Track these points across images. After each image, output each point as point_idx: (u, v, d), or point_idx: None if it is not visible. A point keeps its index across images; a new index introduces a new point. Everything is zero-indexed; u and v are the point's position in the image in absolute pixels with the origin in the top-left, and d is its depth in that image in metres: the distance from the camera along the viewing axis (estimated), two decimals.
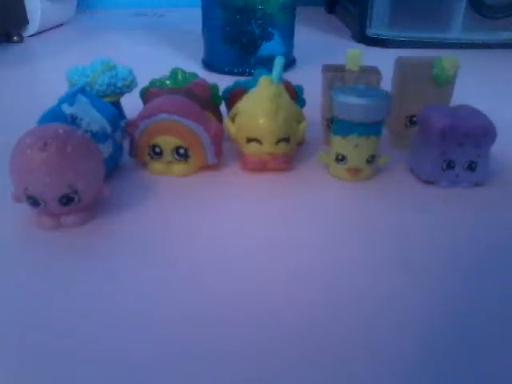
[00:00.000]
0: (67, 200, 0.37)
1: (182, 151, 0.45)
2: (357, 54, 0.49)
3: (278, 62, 0.46)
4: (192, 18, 0.93)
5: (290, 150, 0.47)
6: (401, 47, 0.93)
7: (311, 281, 0.33)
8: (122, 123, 0.47)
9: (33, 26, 1.01)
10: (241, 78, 0.54)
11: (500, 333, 0.29)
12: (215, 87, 0.52)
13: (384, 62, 0.52)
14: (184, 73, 0.52)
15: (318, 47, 0.98)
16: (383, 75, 0.50)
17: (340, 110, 0.43)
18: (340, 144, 0.45)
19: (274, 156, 0.46)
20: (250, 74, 0.60)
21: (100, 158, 0.40)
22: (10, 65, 0.86)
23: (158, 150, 0.46)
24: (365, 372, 0.27)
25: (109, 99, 0.50)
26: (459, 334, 0.29)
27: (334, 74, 0.49)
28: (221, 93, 0.53)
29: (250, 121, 0.45)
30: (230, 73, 0.79)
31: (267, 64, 0.50)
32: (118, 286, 0.33)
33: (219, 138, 0.46)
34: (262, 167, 0.47)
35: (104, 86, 0.50)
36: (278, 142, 0.45)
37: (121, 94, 0.53)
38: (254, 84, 0.47)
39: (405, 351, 0.28)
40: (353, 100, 0.42)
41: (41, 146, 0.35)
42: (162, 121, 0.44)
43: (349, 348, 0.28)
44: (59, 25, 1.13)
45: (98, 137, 0.42)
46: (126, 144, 0.48)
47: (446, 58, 0.48)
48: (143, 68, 0.57)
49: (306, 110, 0.51)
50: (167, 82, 0.51)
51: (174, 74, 0.52)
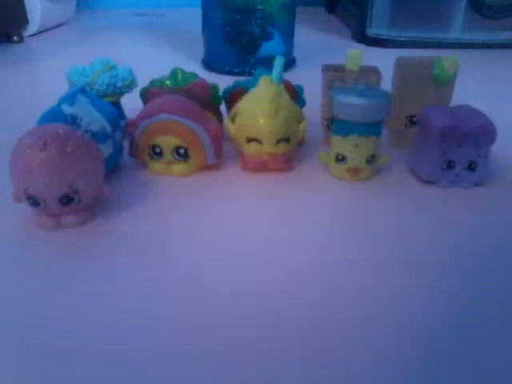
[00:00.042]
0: (67, 200, 0.37)
1: (181, 151, 0.45)
2: (357, 54, 0.49)
3: (278, 62, 0.46)
4: (192, 18, 0.93)
5: (290, 150, 0.47)
6: (401, 47, 0.93)
7: (311, 281, 0.33)
8: (122, 123, 0.47)
9: (33, 26, 1.01)
10: (241, 78, 0.54)
11: (500, 333, 0.29)
12: (215, 87, 0.52)
13: (384, 62, 0.52)
14: (184, 73, 0.52)
15: (318, 47, 0.98)
16: (383, 75, 0.50)
17: (340, 110, 0.43)
18: (340, 144, 0.45)
19: (274, 156, 0.46)
20: (250, 74, 0.60)
21: (100, 158, 0.40)
22: (9, 65, 0.86)
23: (158, 150, 0.46)
24: (365, 372, 0.27)
25: (109, 99, 0.50)
26: (459, 334, 0.29)
27: (334, 74, 0.49)
28: (221, 93, 0.53)
29: (250, 121, 0.45)
30: (230, 73, 0.79)
31: (267, 64, 0.50)
32: (117, 285, 0.33)
33: (219, 138, 0.46)
34: (262, 167, 0.47)
35: (104, 86, 0.50)
36: (278, 141, 0.45)
37: (121, 93, 0.53)
38: (253, 84, 0.47)
39: (405, 351, 0.28)
40: (353, 100, 0.42)
41: (41, 146, 0.35)
42: (161, 121, 0.44)
43: (349, 348, 0.28)
44: (59, 25, 1.13)
45: (98, 137, 0.42)
46: (126, 144, 0.48)
47: (446, 58, 0.48)
48: (143, 68, 0.57)
49: (306, 110, 0.51)
50: (167, 82, 0.51)
51: (173, 74, 0.52)
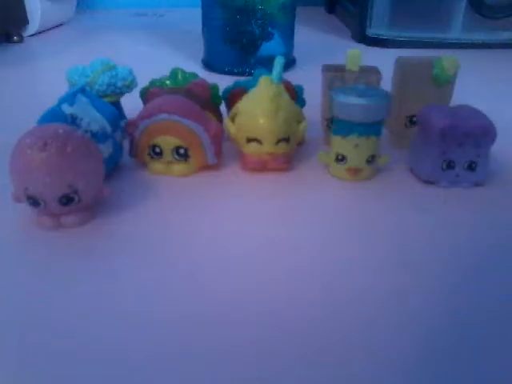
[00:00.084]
0: (67, 200, 0.37)
1: (182, 151, 0.45)
2: (357, 54, 0.49)
3: (278, 62, 0.46)
4: (192, 18, 0.93)
5: (290, 150, 0.47)
6: (401, 47, 0.93)
7: (311, 281, 0.33)
8: (122, 123, 0.47)
9: (33, 26, 1.01)
10: (241, 78, 0.54)
11: (500, 333, 0.29)
12: (215, 87, 0.52)
13: (384, 62, 0.52)
14: (184, 73, 0.52)
15: (318, 47, 0.98)
16: (383, 75, 0.50)
17: (340, 110, 0.43)
18: (340, 144, 0.45)
19: (274, 156, 0.46)
20: (250, 74, 0.60)
21: (100, 158, 0.40)
22: (10, 65, 0.86)
23: (158, 150, 0.46)
24: (365, 372, 0.27)
25: (109, 99, 0.50)
26: (459, 334, 0.29)
27: (334, 74, 0.49)
28: (221, 93, 0.53)
29: (250, 121, 0.45)
30: (230, 73, 0.79)
31: (267, 64, 0.50)
32: (118, 285, 0.33)
33: (219, 138, 0.46)
34: (262, 167, 0.47)
35: (104, 86, 0.50)
36: (278, 141, 0.45)
37: (121, 93, 0.53)
38: (253, 84, 0.47)
39: (405, 351, 0.28)
40: (353, 100, 0.42)
41: (41, 146, 0.35)
42: (162, 121, 0.44)
43: (349, 348, 0.28)
44: (59, 25, 1.13)
45: (98, 137, 0.42)
46: (126, 144, 0.48)
47: (446, 58, 0.48)
48: (143, 68, 0.57)
49: (306, 110, 0.51)
50: (167, 82, 0.51)
51: (173, 74, 0.52)
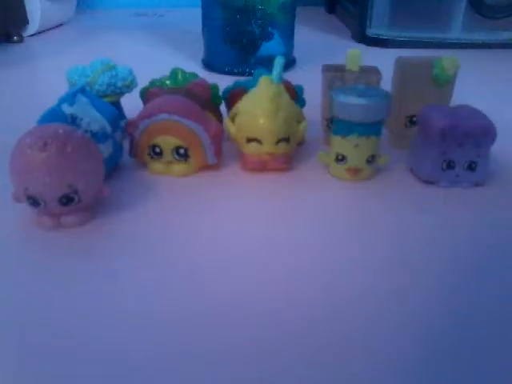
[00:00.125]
0: (67, 200, 0.37)
1: (181, 151, 0.45)
2: (357, 54, 0.49)
3: (278, 62, 0.46)
4: (192, 18, 0.93)
5: (290, 150, 0.47)
6: (401, 47, 0.93)
7: (311, 281, 0.33)
8: (122, 123, 0.47)
9: (33, 26, 1.01)
10: (241, 78, 0.54)
11: (500, 333, 0.29)
12: (215, 87, 0.52)
13: (384, 62, 0.52)
14: (184, 73, 0.52)
15: (318, 47, 0.98)
16: (383, 75, 0.50)
17: (340, 110, 0.43)
18: (340, 144, 0.45)
19: (274, 156, 0.46)
20: (250, 74, 0.60)
21: (100, 158, 0.40)
22: (10, 65, 0.86)
23: (158, 150, 0.46)
24: (365, 372, 0.27)
25: (109, 99, 0.50)
26: (459, 334, 0.29)
27: (334, 74, 0.49)
28: (221, 93, 0.53)
29: (250, 121, 0.45)
30: (230, 73, 0.79)
31: (267, 64, 0.50)
32: (118, 285, 0.33)
33: (219, 138, 0.46)
34: (262, 167, 0.47)
35: (104, 86, 0.50)
36: (278, 141, 0.45)
37: (121, 93, 0.53)
38: (253, 84, 0.47)
39: (405, 351, 0.28)
40: (353, 100, 0.42)
41: (41, 146, 0.35)
42: (161, 121, 0.44)
43: (349, 348, 0.28)
44: (59, 25, 1.13)
45: (98, 137, 0.42)
46: (126, 144, 0.48)
47: (446, 58, 0.48)
48: (143, 68, 0.57)
49: (306, 110, 0.51)
50: (167, 82, 0.51)
51: (173, 74, 0.52)
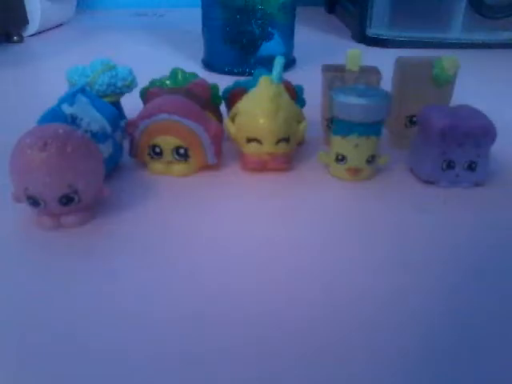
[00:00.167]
0: (67, 200, 0.37)
1: (182, 151, 0.45)
2: (357, 54, 0.49)
3: (278, 62, 0.46)
4: (192, 18, 0.93)
5: (290, 150, 0.47)
6: (401, 47, 0.93)
7: (311, 281, 0.33)
8: (122, 123, 0.47)
9: (33, 26, 1.01)
10: (241, 78, 0.54)
11: (500, 333, 0.29)
12: (215, 87, 0.52)
13: (384, 62, 0.52)
14: (184, 73, 0.52)
15: (318, 47, 0.98)
16: (383, 75, 0.50)
17: (340, 110, 0.43)
18: (340, 144, 0.45)
19: (274, 156, 0.46)
20: (250, 74, 0.60)
21: (100, 158, 0.40)
22: (10, 65, 0.86)
23: (157, 150, 0.46)
24: (365, 372, 0.27)
25: (109, 99, 0.50)
26: (459, 334, 0.29)
27: (334, 74, 0.49)
28: (221, 93, 0.53)
29: (250, 121, 0.45)
30: (230, 73, 0.79)
31: (267, 64, 0.50)
32: (118, 285, 0.33)
33: (219, 138, 0.46)
34: (262, 167, 0.47)
35: (104, 86, 0.50)
36: (278, 141, 0.45)
37: (121, 93, 0.53)
38: (253, 84, 0.47)
39: (405, 351, 0.28)
40: (353, 100, 0.42)
41: (41, 146, 0.35)
42: (161, 121, 0.44)
43: (349, 348, 0.28)
44: (59, 25, 1.13)
45: (98, 137, 0.42)
46: (126, 144, 0.48)
47: (446, 58, 0.48)
48: (143, 68, 0.57)
49: (306, 110, 0.51)
50: (167, 82, 0.51)
51: (173, 74, 0.52)
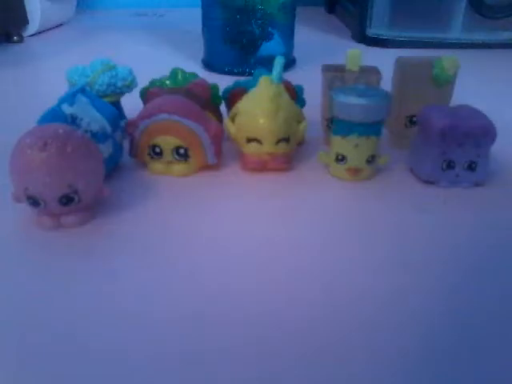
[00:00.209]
0: (67, 200, 0.37)
1: (182, 151, 0.45)
2: (357, 54, 0.49)
3: (278, 62, 0.46)
4: (192, 18, 0.93)
5: (290, 150, 0.47)
6: (401, 47, 0.93)
7: (311, 281, 0.33)
8: (122, 123, 0.47)
9: (33, 26, 1.01)
10: (241, 78, 0.54)
11: (500, 333, 0.29)
12: (215, 87, 0.52)
13: (384, 62, 0.52)
14: (184, 73, 0.52)
15: (318, 47, 0.98)
16: (383, 75, 0.50)
17: (340, 110, 0.43)
18: (340, 144, 0.45)
19: (274, 156, 0.46)
20: (250, 74, 0.60)
21: (100, 158, 0.40)
22: (10, 65, 0.86)
23: (158, 150, 0.46)
24: (365, 372, 0.27)
25: (109, 99, 0.50)
26: (459, 334, 0.29)
27: (334, 74, 0.49)
28: (221, 93, 0.53)
29: (250, 121, 0.45)
30: (230, 73, 0.79)
31: (267, 64, 0.50)
32: (118, 285, 0.33)
33: (219, 138, 0.46)
34: (262, 167, 0.47)
35: (104, 86, 0.50)
36: (278, 141, 0.45)
37: (121, 93, 0.53)
38: (253, 84, 0.47)
39: (405, 351, 0.28)
40: (353, 100, 0.42)
41: (41, 146, 0.35)
42: (162, 121, 0.44)
43: (349, 348, 0.28)
44: (59, 25, 1.13)
45: (98, 137, 0.42)
46: (126, 144, 0.48)
47: (446, 58, 0.48)
48: (143, 68, 0.57)
49: (306, 110, 0.51)
50: (167, 82, 0.51)
51: (173, 74, 0.52)
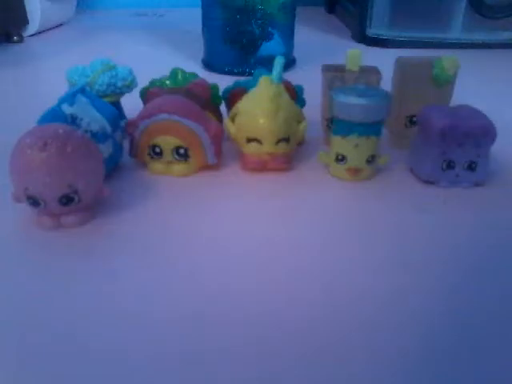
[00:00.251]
0: (67, 200, 0.37)
1: (182, 151, 0.45)
2: (357, 54, 0.49)
3: (278, 62, 0.46)
4: (192, 18, 0.93)
5: (290, 150, 0.47)
6: (401, 47, 0.93)
7: (311, 281, 0.33)
8: (122, 123, 0.47)
9: (33, 26, 1.01)
10: (241, 78, 0.54)
11: (500, 333, 0.29)
12: (215, 87, 0.52)
13: (384, 62, 0.52)
14: (184, 73, 0.52)
15: (318, 47, 0.98)
16: (383, 75, 0.50)
17: (340, 110, 0.43)
18: (340, 144, 0.45)
19: (274, 156, 0.46)
20: (250, 74, 0.60)
21: (100, 158, 0.40)
22: (10, 65, 0.86)
23: (158, 150, 0.46)
24: (365, 372, 0.27)
25: (109, 99, 0.50)
26: (459, 334, 0.29)
27: (334, 74, 0.49)
28: (221, 93, 0.53)
29: (250, 121, 0.45)
30: (230, 73, 0.79)
31: (267, 64, 0.50)
32: (118, 285, 0.33)
33: (219, 138, 0.46)
34: (262, 167, 0.47)
35: (104, 86, 0.50)
36: (278, 141, 0.45)
37: (121, 93, 0.53)
38: (254, 84, 0.47)
39: (405, 351, 0.28)
40: (353, 100, 0.42)
41: (41, 146, 0.35)
42: (161, 121, 0.44)
43: (349, 348, 0.28)
44: (59, 25, 1.13)
45: (98, 137, 0.42)
46: (126, 144, 0.48)
47: (446, 58, 0.48)
48: (143, 68, 0.57)
49: (306, 110, 0.51)
50: (167, 82, 0.51)
51: (173, 74, 0.52)
